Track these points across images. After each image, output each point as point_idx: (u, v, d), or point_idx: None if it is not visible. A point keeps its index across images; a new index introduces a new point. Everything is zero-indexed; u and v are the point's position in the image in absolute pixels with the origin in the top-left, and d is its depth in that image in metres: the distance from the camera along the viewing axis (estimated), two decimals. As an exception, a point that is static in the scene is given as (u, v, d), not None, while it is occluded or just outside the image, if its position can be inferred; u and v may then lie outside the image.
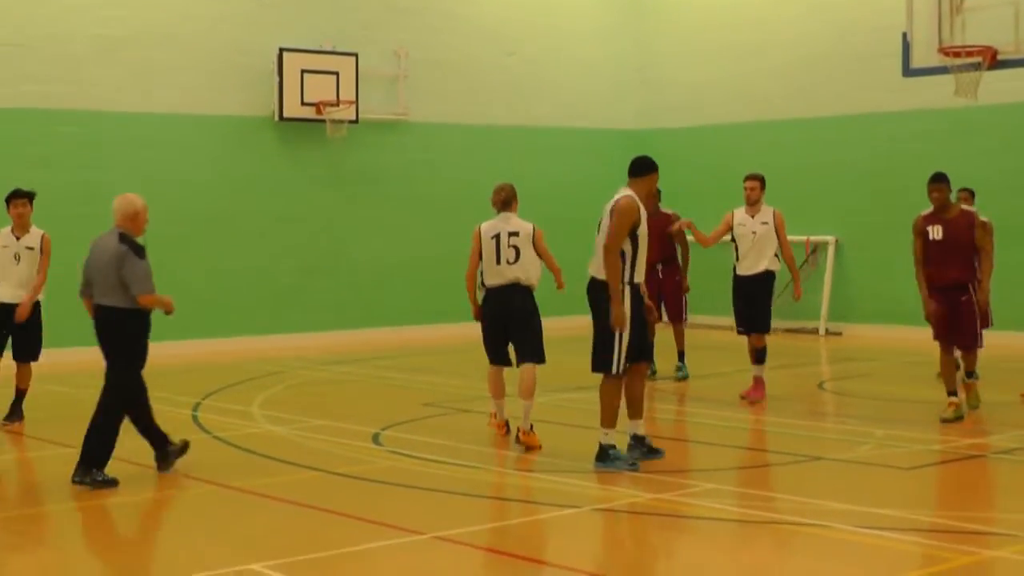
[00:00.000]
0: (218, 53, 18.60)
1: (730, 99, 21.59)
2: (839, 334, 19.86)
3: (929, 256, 11.78)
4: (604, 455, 9.78)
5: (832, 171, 20.31)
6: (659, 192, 14.24)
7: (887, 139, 19.50)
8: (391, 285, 20.04)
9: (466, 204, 20.78)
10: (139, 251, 9.50)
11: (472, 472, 9.64)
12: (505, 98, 21.45)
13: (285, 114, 18.90)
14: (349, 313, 19.63)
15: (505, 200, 11.28)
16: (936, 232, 11.71)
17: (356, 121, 19.43)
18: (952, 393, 11.73)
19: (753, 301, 13.33)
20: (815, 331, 20.07)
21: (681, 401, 13.91)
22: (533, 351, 10.74)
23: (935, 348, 11.95)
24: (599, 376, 9.77)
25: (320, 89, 19.04)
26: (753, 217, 13.46)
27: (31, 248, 12.37)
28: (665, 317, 14.95)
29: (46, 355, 13.01)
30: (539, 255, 10.99)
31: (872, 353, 17.32)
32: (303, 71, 18.97)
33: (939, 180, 11.84)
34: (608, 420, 9.78)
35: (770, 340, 13.62)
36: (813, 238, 20.38)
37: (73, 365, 15.07)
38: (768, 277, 13.42)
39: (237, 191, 18.49)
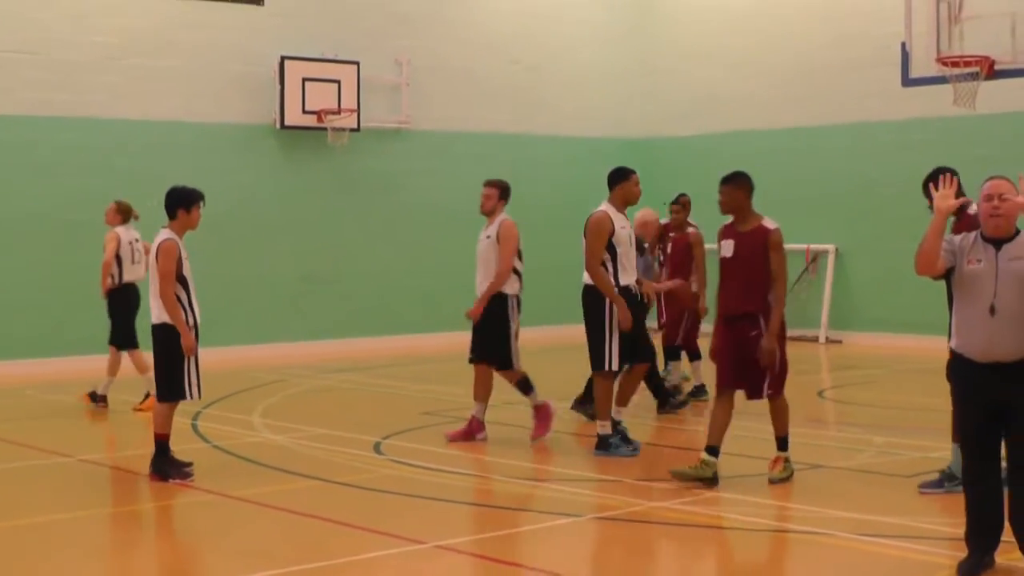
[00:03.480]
0: (219, 61, 18.63)
1: (732, 108, 21.63)
2: (839, 342, 19.89)
3: (720, 278, 9.38)
4: (604, 444, 10.41)
5: (832, 180, 20.35)
6: (688, 204, 14.17)
7: (886, 148, 19.53)
8: (393, 293, 20.06)
9: (469, 212, 20.79)
10: None
11: (473, 481, 9.66)
12: (507, 106, 21.48)
13: (286, 122, 18.94)
14: (351, 321, 19.65)
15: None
16: (727, 248, 9.25)
17: (358, 129, 19.46)
18: (711, 449, 9.27)
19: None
20: (815, 339, 20.09)
21: (681, 409, 13.90)
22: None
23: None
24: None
25: (322, 97, 19.08)
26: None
27: None
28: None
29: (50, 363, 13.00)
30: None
31: (872, 361, 17.33)
32: (304, 79, 19.01)
33: (727, 181, 9.30)
34: (604, 414, 10.48)
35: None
36: (813, 246, 20.41)
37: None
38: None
39: (238, 199, 18.50)
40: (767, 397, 9.42)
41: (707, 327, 10.81)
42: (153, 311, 9.66)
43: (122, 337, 13.45)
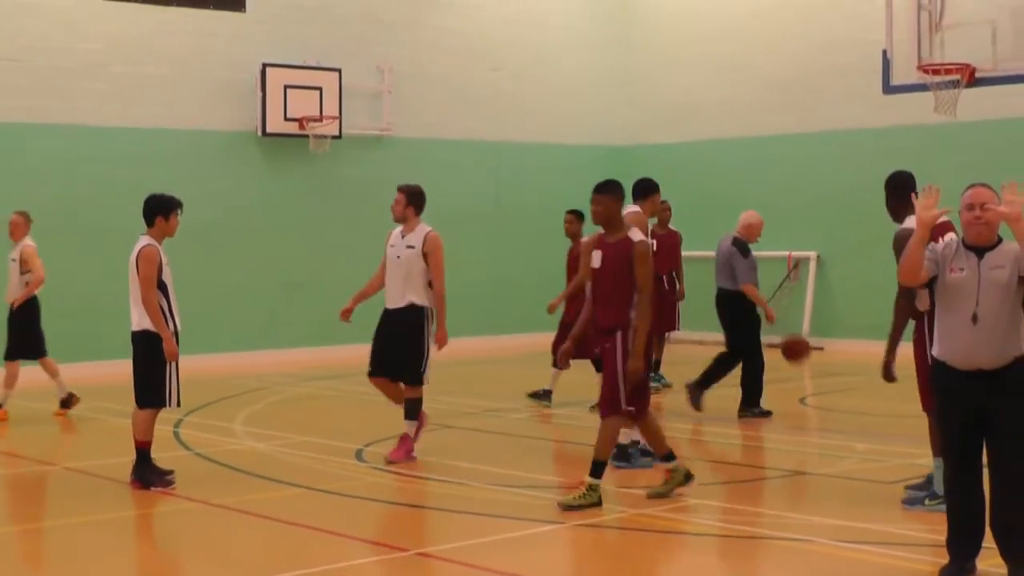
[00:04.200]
0: (201, 68, 18.60)
1: (714, 115, 21.68)
2: (821, 349, 19.90)
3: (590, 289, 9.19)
4: (625, 455, 10.24)
5: (813, 187, 20.41)
6: (670, 210, 15.64)
7: (868, 155, 19.58)
8: (375, 301, 19.97)
9: (450, 220, 20.81)
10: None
11: (455, 488, 9.65)
12: (490, 113, 21.49)
13: (268, 129, 18.91)
14: (332, 329, 19.52)
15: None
16: (596, 259, 9.01)
17: (339, 136, 19.45)
18: (664, 456, 9.22)
19: None
20: (797, 346, 20.10)
21: (664, 416, 13.92)
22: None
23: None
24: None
25: (303, 104, 19.06)
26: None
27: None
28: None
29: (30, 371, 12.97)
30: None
31: (854, 368, 17.36)
32: (286, 86, 18.99)
33: (600, 190, 9.00)
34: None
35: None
36: (795, 253, 20.45)
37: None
38: None
39: (220, 206, 18.46)
40: (626, 416, 8.92)
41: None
42: (133, 318, 9.63)
43: (34, 346, 13.48)
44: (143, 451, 9.66)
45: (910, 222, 9.49)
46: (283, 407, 14.40)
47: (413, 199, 10.90)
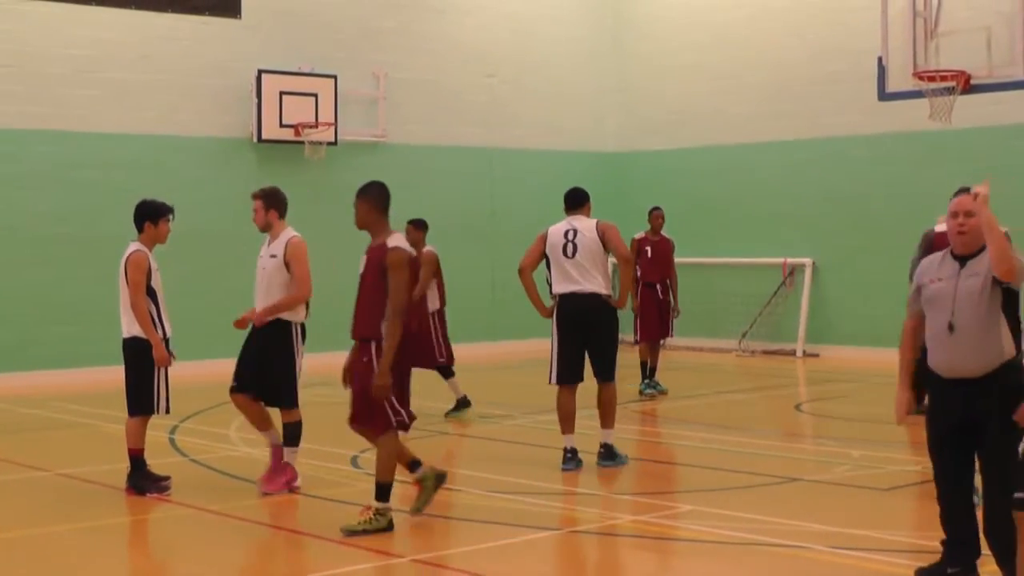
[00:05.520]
0: (196, 74, 18.60)
1: (708, 122, 21.71)
2: (816, 355, 19.94)
3: None
4: (612, 454, 10.55)
5: (808, 194, 20.43)
6: (663, 217, 15.79)
7: (863, 162, 19.62)
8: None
9: (444, 225, 20.82)
10: None
11: (450, 495, 9.64)
12: (484, 120, 21.50)
13: (263, 136, 18.91)
14: (327, 335, 19.56)
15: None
16: (361, 264, 8.90)
17: (335, 143, 19.45)
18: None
19: None
20: (792, 353, 20.13)
21: (660, 422, 13.93)
22: None
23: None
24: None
25: (299, 111, 19.06)
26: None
27: None
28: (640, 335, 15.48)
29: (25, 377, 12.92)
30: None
31: (849, 374, 17.39)
32: (282, 93, 18.99)
33: (360, 193, 8.93)
34: (614, 421, 10.72)
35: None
36: (790, 260, 20.47)
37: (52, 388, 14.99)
38: None
39: (215, 213, 18.44)
40: (365, 433, 8.65)
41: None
42: (123, 324, 9.62)
43: None
44: (136, 459, 9.65)
45: (940, 225, 9.52)
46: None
47: (271, 202, 9.96)
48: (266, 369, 9.74)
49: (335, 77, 19.46)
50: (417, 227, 13.95)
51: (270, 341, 9.75)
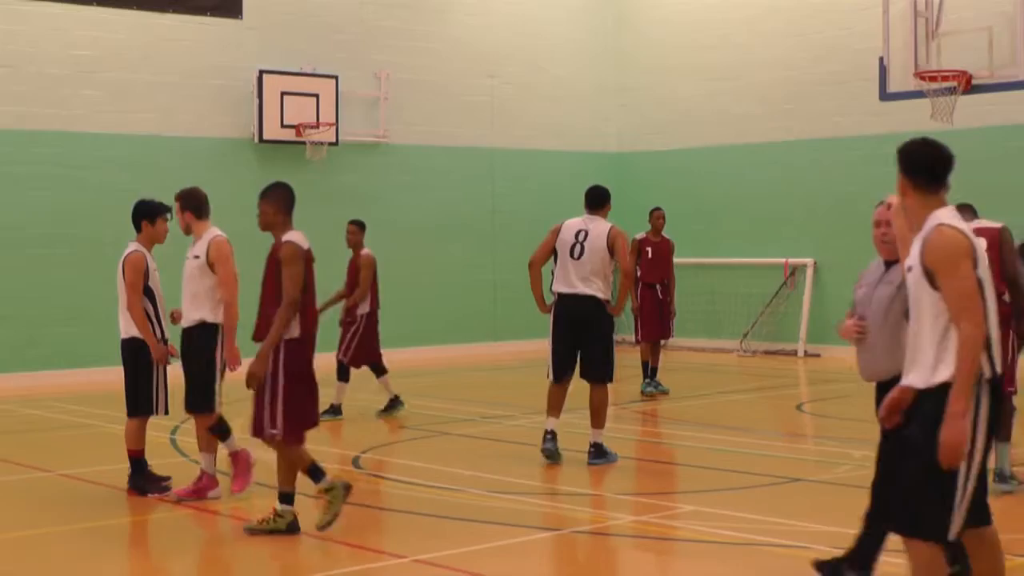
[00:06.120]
0: (197, 75, 18.60)
1: (710, 122, 21.71)
2: (817, 356, 19.93)
3: None
4: (602, 452, 10.68)
5: (810, 194, 20.42)
6: (663, 217, 15.83)
7: (864, 162, 19.61)
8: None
9: (446, 226, 20.82)
10: None
11: (452, 495, 9.64)
12: (485, 120, 21.50)
13: (265, 136, 18.91)
14: (327, 335, 19.52)
15: None
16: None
17: (336, 143, 19.45)
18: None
19: None
20: (794, 353, 20.13)
21: (661, 423, 13.93)
22: None
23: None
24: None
25: (300, 111, 19.06)
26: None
27: None
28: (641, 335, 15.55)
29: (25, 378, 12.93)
30: None
31: (850, 375, 17.22)
32: (283, 93, 18.99)
33: (262, 195, 9.02)
34: (604, 422, 10.82)
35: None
36: (791, 260, 20.46)
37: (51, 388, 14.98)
38: None
39: (216, 213, 18.31)
40: (268, 440, 8.36)
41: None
42: (121, 325, 9.61)
43: None
44: (136, 460, 9.64)
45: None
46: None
47: (186, 203, 9.76)
48: (186, 372, 9.44)
49: (336, 77, 19.46)
50: (359, 227, 14.01)
51: (193, 344, 9.40)
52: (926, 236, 5.50)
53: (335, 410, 13.59)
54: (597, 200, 11.01)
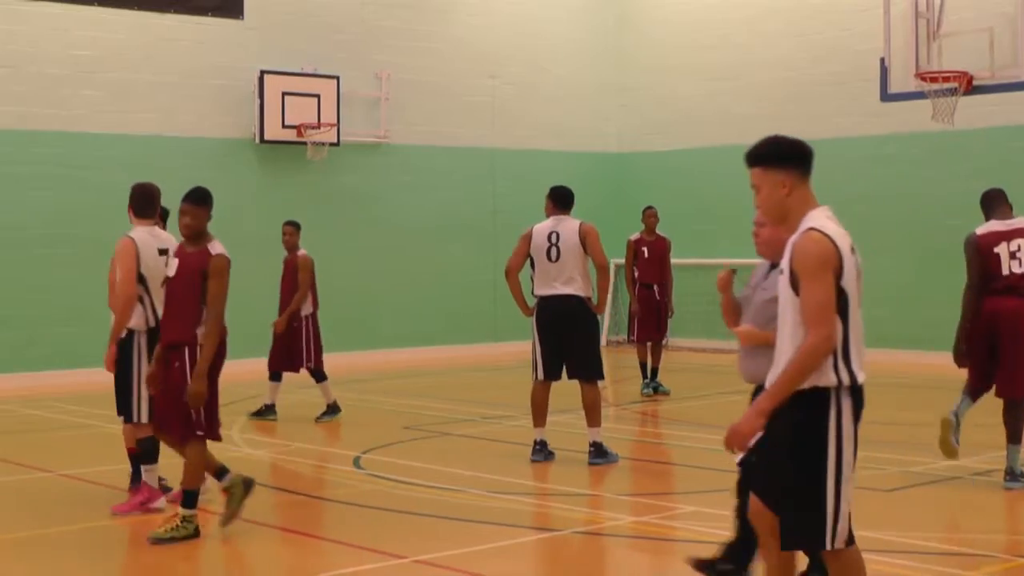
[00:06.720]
0: (198, 75, 18.61)
1: (710, 123, 21.71)
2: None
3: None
4: (602, 452, 10.71)
5: (810, 195, 20.40)
6: (656, 215, 15.73)
7: (865, 162, 19.61)
8: (371, 307, 20.03)
9: (446, 226, 20.83)
10: None
11: (452, 495, 9.64)
12: (486, 121, 21.51)
13: (266, 136, 18.92)
14: (329, 336, 19.58)
15: None
16: (172, 267, 8.74)
17: (337, 143, 19.46)
18: (216, 476, 8.78)
19: None
20: (794, 354, 20.10)
21: (661, 423, 13.93)
22: None
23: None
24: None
25: (301, 111, 19.07)
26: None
27: None
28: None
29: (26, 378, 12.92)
30: None
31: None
32: (284, 93, 19.00)
33: (190, 200, 9.06)
34: (600, 419, 10.82)
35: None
36: (792, 261, 20.46)
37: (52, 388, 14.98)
38: None
39: (217, 214, 18.26)
40: (170, 440, 8.51)
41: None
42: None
43: None
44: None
45: (981, 229, 9.65)
46: (280, 414, 14.37)
47: (131, 201, 9.61)
48: (116, 381, 9.22)
49: (337, 78, 19.47)
50: (295, 228, 14.06)
51: (120, 351, 9.12)
52: (795, 240, 5.40)
53: (335, 408, 13.77)
54: (564, 200, 11.13)
